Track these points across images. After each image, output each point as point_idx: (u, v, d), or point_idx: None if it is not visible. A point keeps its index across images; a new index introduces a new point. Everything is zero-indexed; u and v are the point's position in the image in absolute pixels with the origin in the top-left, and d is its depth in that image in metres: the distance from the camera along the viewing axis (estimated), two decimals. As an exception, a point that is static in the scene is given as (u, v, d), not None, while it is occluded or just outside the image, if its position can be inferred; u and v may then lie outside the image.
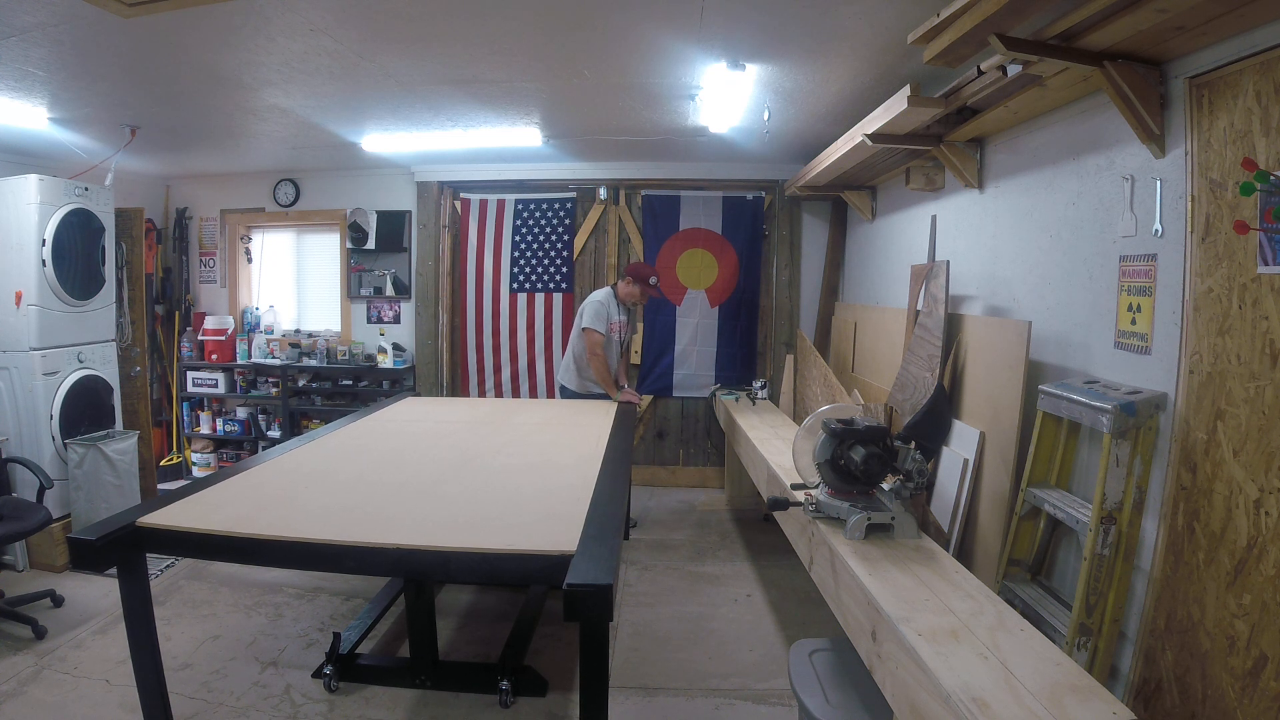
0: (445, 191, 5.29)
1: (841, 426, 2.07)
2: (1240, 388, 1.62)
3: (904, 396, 3.06)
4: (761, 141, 4.01)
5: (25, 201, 3.63)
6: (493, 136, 4.14)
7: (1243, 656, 1.58)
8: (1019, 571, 2.24)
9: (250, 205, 5.53)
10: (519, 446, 2.98)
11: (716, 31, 2.50)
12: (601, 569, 1.64)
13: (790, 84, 3.07)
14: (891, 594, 1.67)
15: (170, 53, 2.72)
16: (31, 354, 3.65)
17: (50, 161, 4.33)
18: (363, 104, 3.51)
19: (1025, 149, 2.59)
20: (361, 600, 3.34)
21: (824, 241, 5.21)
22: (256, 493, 2.28)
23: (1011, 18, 1.75)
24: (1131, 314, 1.98)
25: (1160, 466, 1.86)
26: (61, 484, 3.69)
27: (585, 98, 3.40)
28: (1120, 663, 1.95)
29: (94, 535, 1.82)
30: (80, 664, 2.74)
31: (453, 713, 2.53)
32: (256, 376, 5.43)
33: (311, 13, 2.36)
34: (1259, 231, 1.55)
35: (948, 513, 2.65)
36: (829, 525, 2.09)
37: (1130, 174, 1.99)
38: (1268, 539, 1.53)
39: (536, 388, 5.41)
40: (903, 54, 2.58)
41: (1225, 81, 1.67)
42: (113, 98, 3.29)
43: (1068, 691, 1.28)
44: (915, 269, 3.30)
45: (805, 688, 1.86)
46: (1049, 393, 2.09)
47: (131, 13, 2.18)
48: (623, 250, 5.31)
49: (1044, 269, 2.43)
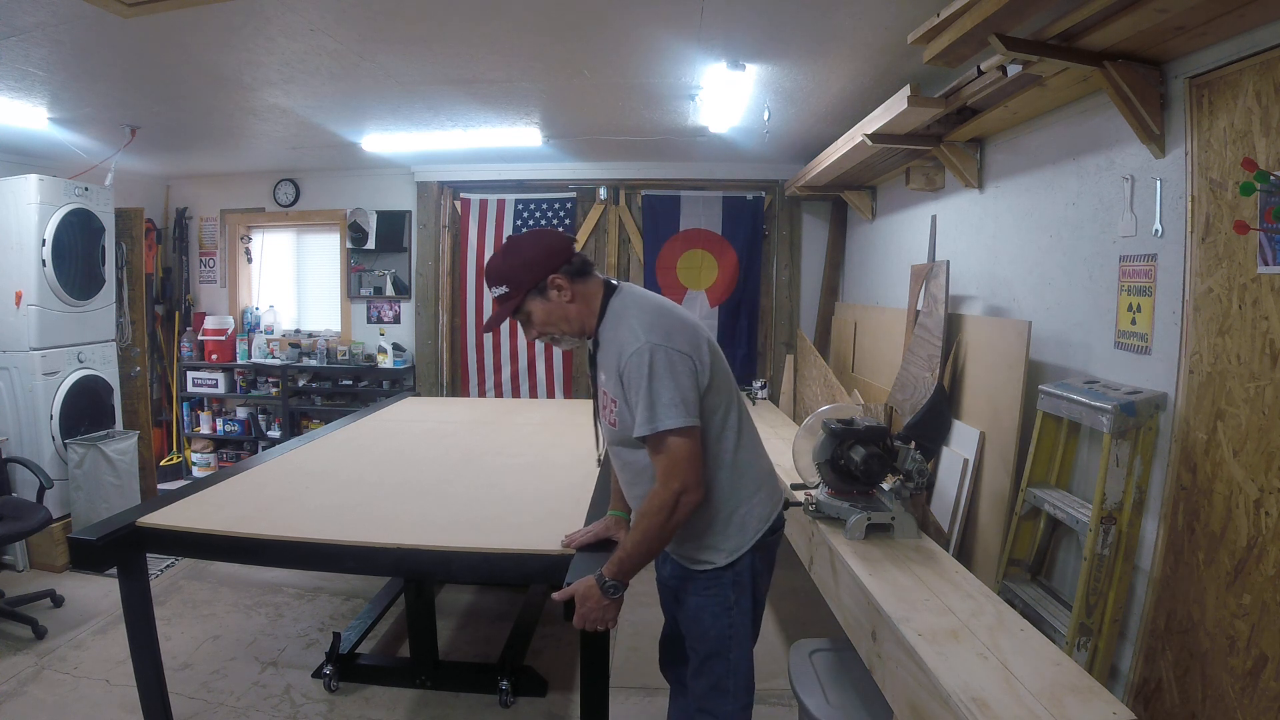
0: (445, 191, 5.28)
1: (841, 426, 2.07)
2: (1240, 388, 1.62)
3: (904, 396, 3.06)
4: (761, 141, 4.01)
5: (25, 201, 3.63)
6: (493, 136, 4.14)
7: (1243, 656, 1.58)
8: (1019, 571, 2.24)
9: (250, 205, 5.53)
10: (519, 446, 2.98)
11: (716, 31, 2.50)
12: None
13: (790, 84, 3.07)
14: (891, 594, 1.67)
15: (170, 53, 2.72)
16: (31, 354, 3.65)
17: (50, 161, 4.33)
18: (363, 104, 3.51)
19: (1025, 149, 2.59)
20: (361, 600, 3.34)
21: (824, 241, 5.21)
22: (257, 493, 2.28)
23: (1011, 18, 1.75)
24: (1131, 314, 1.98)
25: (1160, 466, 1.86)
26: (61, 484, 3.69)
27: (585, 98, 3.40)
28: (1120, 663, 1.95)
29: (94, 535, 1.82)
30: (80, 664, 2.74)
31: (453, 713, 2.53)
32: (256, 376, 5.43)
33: (311, 13, 2.35)
34: (1259, 231, 1.55)
35: (948, 513, 2.65)
36: (829, 525, 2.09)
37: (1130, 174, 1.99)
38: (1268, 539, 1.53)
39: (536, 388, 5.41)
40: (903, 54, 2.57)
41: (1225, 81, 1.67)
42: (113, 98, 3.29)
43: (1068, 691, 1.28)
44: (915, 269, 3.30)
45: (805, 688, 1.86)
46: (1049, 393, 2.09)
47: (131, 13, 2.18)
48: (623, 250, 5.30)
49: (1044, 269, 2.43)
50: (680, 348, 1.50)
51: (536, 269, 1.57)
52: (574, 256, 1.60)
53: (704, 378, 1.52)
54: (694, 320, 1.63)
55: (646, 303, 1.60)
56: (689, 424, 1.45)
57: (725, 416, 1.60)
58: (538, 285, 1.57)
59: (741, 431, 1.63)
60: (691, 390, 1.48)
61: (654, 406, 1.45)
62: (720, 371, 1.59)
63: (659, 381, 1.45)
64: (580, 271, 1.61)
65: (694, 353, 1.52)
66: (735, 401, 1.64)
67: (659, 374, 1.46)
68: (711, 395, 1.55)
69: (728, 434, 1.60)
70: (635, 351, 1.48)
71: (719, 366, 1.59)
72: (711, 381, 1.54)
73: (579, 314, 1.60)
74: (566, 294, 1.58)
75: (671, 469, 1.46)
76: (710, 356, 1.56)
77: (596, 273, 1.65)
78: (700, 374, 1.52)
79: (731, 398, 1.63)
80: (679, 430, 1.45)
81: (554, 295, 1.58)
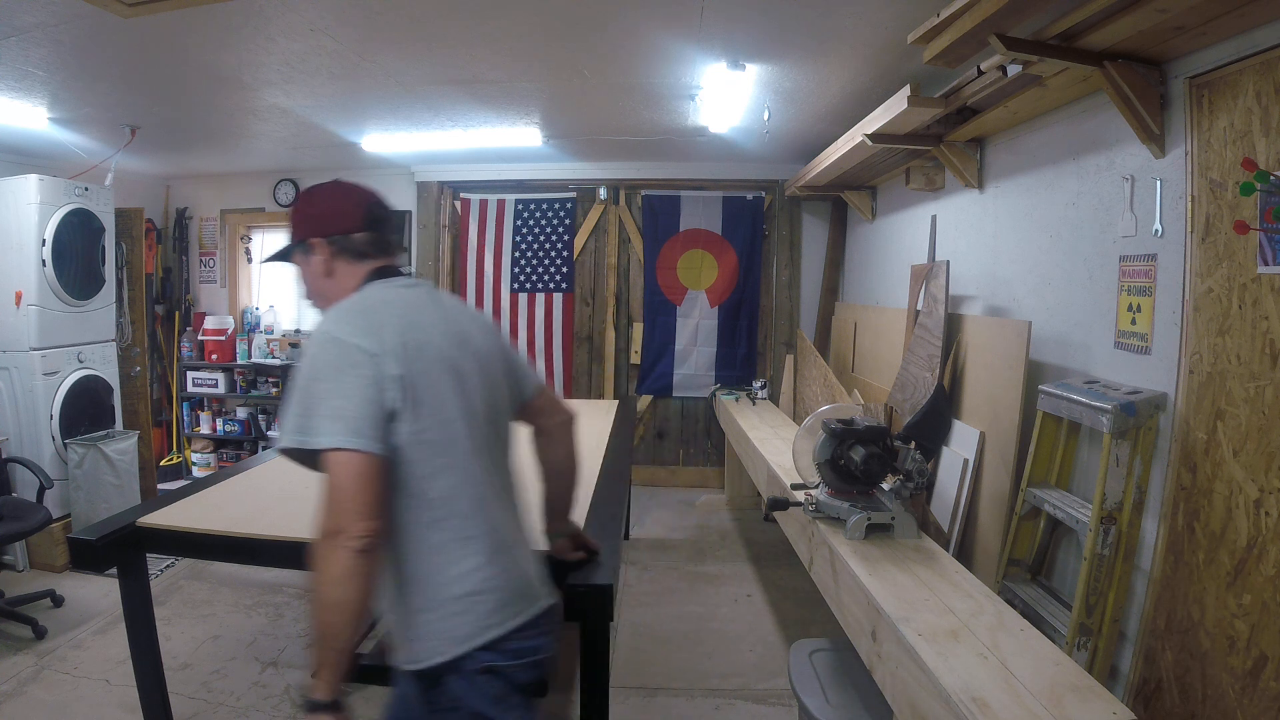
0: (445, 191, 5.28)
1: (841, 426, 2.07)
2: (1240, 388, 1.62)
3: (904, 396, 3.05)
4: (761, 141, 4.01)
5: (25, 201, 3.63)
6: (493, 136, 4.14)
7: (1243, 656, 1.58)
8: (1019, 571, 2.24)
9: (250, 205, 5.53)
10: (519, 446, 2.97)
11: (716, 32, 2.50)
12: (602, 569, 1.64)
13: (790, 84, 3.07)
14: (891, 594, 1.67)
15: (170, 53, 2.72)
16: (31, 354, 3.65)
17: (50, 161, 4.33)
18: (363, 104, 3.51)
19: (1025, 149, 2.59)
20: (361, 600, 3.34)
21: (824, 241, 5.21)
22: (257, 493, 2.28)
23: (1011, 18, 1.75)
24: (1131, 314, 1.98)
25: (1160, 466, 1.86)
26: (61, 484, 3.69)
27: (585, 98, 3.40)
28: (1120, 663, 1.95)
29: (94, 535, 1.81)
30: (80, 664, 2.74)
31: (453, 713, 2.53)
32: (256, 376, 5.43)
33: (311, 13, 2.35)
34: (1259, 231, 1.55)
35: (948, 513, 2.65)
36: (829, 525, 2.09)
37: (1130, 174, 1.99)
38: (1268, 539, 1.53)
39: (536, 388, 5.40)
40: (903, 54, 2.57)
41: (1225, 81, 1.67)
42: (113, 98, 3.29)
43: (1068, 691, 1.28)
44: (915, 269, 3.30)
45: (805, 688, 1.86)
46: (1049, 393, 2.09)
47: (131, 13, 2.18)
48: (623, 250, 5.30)
49: (1044, 269, 2.43)
50: (367, 346, 1.15)
51: (311, 225, 1.34)
52: (359, 233, 1.32)
53: (396, 395, 1.15)
54: (442, 329, 1.27)
55: (370, 298, 1.27)
56: (354, 445, 1.09)
57: (449, 451, 1.21)
58: (304, 242, 1.35)
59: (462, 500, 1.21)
60: (366, 403, 1.12)
61: (310, 414, 1.11)
62: (442, 403, 1.21)
63: (324, 383, 1.13)
64: (356, 253, 1.33)
65: (387, 356, 1.15)
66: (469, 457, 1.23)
67: (323, 373, 1.14)
68: (417, 423, 1.17)
69: (437, 486, 1.19)
70: (307, 340, 1.20)
71: (442, 393, 1.21)
72: (418, 407, 1.17)
73: (328, 291, 1.34)
74: (323, 266, 1.33)
75: (327, 503, 1.10)
76: (432, 378, 1.20)
77: (402, 270, 1.38)
78: (388, 388, 1.14)
79: (459, 445, 1.22)
80: (338, 450, 1.09)
81: (314, 260, 1.34)
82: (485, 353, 1.35)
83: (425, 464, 1.18)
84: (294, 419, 1.13)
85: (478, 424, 1.27)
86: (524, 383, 1.48)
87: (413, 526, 1.19)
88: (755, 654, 2.92)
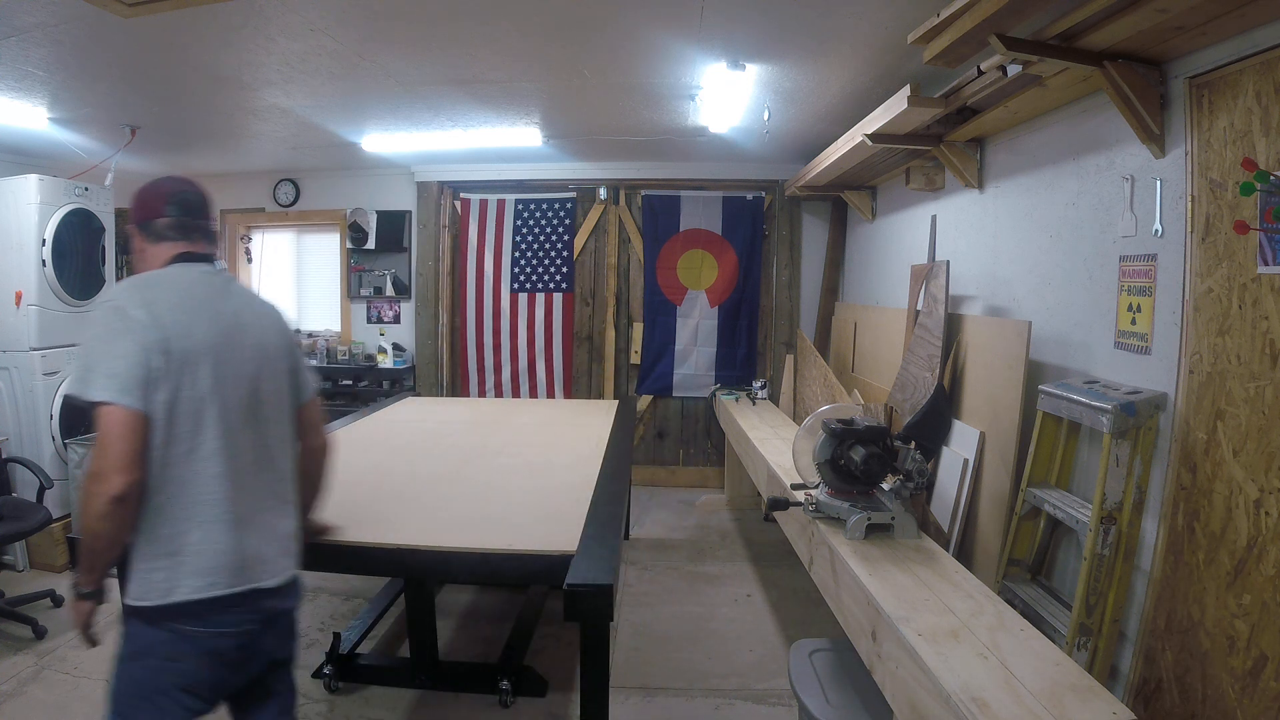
0: (445, 191, 5.29)
1: (841, 426, 2.07)
2: (1240, 388, 1.62)
3: (904, 396, 3.06)
4: (761, 141, 4.01)
5: (25, 201, 3.63)
6: (493, 136, 4.14)
7: (1243, 656, 1.58)
8: (1019, 571, 2.24)
9: (250, 205, 5.53)
10: (519, 446, 2.97)
11: (716, 32, 2.50)
12: (602, 569, 1.64)
13: (790, 84, 3.07)
14: (891, 594, 1.67)
15: (170, 53, 2.72)
16: (31, 354, 3.65)
17: (50, 161, 4.33)
18: (363, 104, 3.51)
19: (1025, 149, 2.59)
20: (361, 600, 3.34)
21: (824, 241, 5.21)
22: (256, 493, 2.28)
23: (1011, 18, 1.75)
24: (1131, 314, 1.98)
25: (1160, 466, 1.86)
26: (61, 484, 3.69)
27: (585, 98, 3.40)
28: (1120, 663, 1.95)
29: (94, 535, 1.82)
30: (80, 664, 2.74)
31: (453, 713, 2.53)
32: (256, 376, 5.43)
33: (311, 13, 2.36)
34: (1259, 231, 1.55)
35: (948, 513, 2.65)
36: (829, 525, 2.09)
37: (1130, 174, 1.99)
38: (1268, 539, 1.53)
39: (536, 388, 5.41)
40: (903, 54, 2.58)
41: (1225, 81, 1.67)
42: (113, 98, 3.29)
43: (1068, 691, 1.28)
44: (915, 269, 3.30)
45: (805, 688, 1.86)
46: (1049, 393, 2.09)
47: (131, 13, 2.18)
48: (623, 250, 5.31)
49: (1044, 269, 2.43)
50: (140, 316, 1.31)
51: (132, 213, 1.53)
52: (160, 218, 1.49)
53: (160, 362, 1.30)
54: (216, 312, 1.42)
55: (160, 276, 1.45)
56: (121, 401, 1.26)
57: (192, 422, 1.35)
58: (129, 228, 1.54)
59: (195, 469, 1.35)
60: (136, 365, 1.28)
61: (90, 370, 1.28)
62: (196, 378, 1.35)
63: (103, 344, 1.30)
64: (156, 235, 1.49)
65: (155, 327, 1.31)
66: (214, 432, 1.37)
67: (102, 335, 1.30)
68: (170, 392, 1.32)
69: (172, 453, 1.33)
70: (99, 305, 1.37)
71: (198, 369, 1.35)
72: (173, 376, 1.32)
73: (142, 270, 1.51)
74: (137, 247, 1.53)
75: (96, 449, 1.28)
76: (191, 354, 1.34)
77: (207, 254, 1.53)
78: (153, 355, 1.30)
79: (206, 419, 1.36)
80: (107, 404, 1.26)
81: (134, 244, 1.54)
82: (268, 346, 1.52)
83: (166, 430, 1.33)
84: (77, 371, 1.31)
85: (233, 404, 1.42)
86: (301, 389, 1.64)
87: (148, 483, 1.33)
88: (755, 654, 2.92)
